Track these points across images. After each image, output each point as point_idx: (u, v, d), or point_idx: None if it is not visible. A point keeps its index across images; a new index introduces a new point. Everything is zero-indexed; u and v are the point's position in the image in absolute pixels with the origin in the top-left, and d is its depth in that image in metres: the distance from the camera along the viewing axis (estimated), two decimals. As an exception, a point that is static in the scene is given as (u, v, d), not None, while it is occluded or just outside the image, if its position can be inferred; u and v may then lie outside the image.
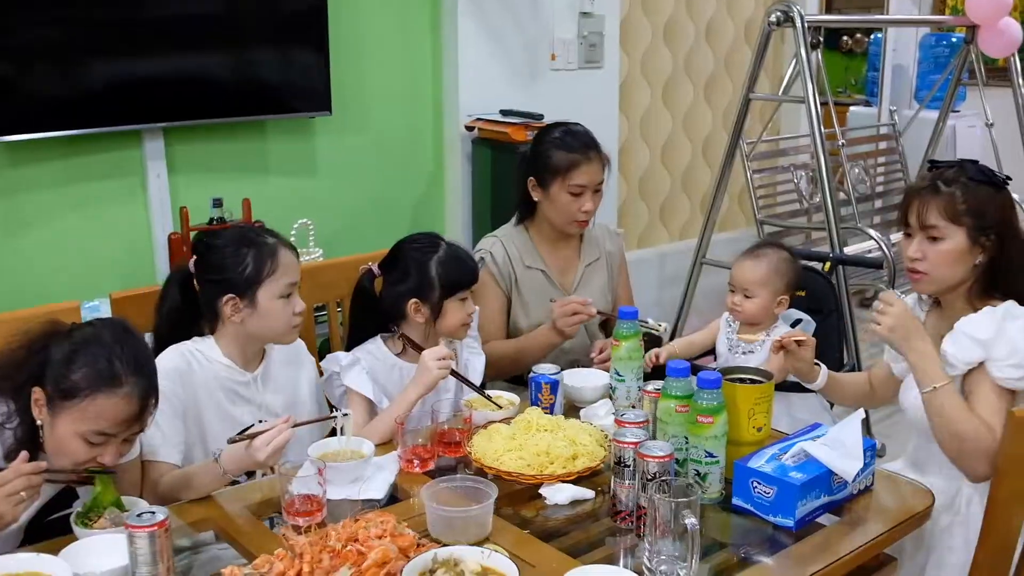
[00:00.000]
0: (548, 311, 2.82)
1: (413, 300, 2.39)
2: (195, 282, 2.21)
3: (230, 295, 2.13)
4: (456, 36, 3.94)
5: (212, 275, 2.17)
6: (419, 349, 2.35)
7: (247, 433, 1.93)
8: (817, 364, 2.36)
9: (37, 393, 1.77)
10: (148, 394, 1.80)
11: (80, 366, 1.75)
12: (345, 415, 2.09)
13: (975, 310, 2.09)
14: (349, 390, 2.35)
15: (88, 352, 1.77)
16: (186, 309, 2.22)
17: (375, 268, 2.45)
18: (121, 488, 1.88)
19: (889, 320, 2.09)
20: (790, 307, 2.66)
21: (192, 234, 3.27)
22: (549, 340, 2.70)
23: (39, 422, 1.78)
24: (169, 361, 2.11)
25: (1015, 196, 4.70)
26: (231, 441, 1.93)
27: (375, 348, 2.43)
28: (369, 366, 2.39)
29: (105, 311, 2.68)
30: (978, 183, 2.11)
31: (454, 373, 2.33)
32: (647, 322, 2.58)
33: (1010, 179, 2.19)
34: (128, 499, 1.84)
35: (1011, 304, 2.07)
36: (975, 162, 2.17)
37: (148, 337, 2.12)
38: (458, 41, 3.95)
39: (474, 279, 2.46)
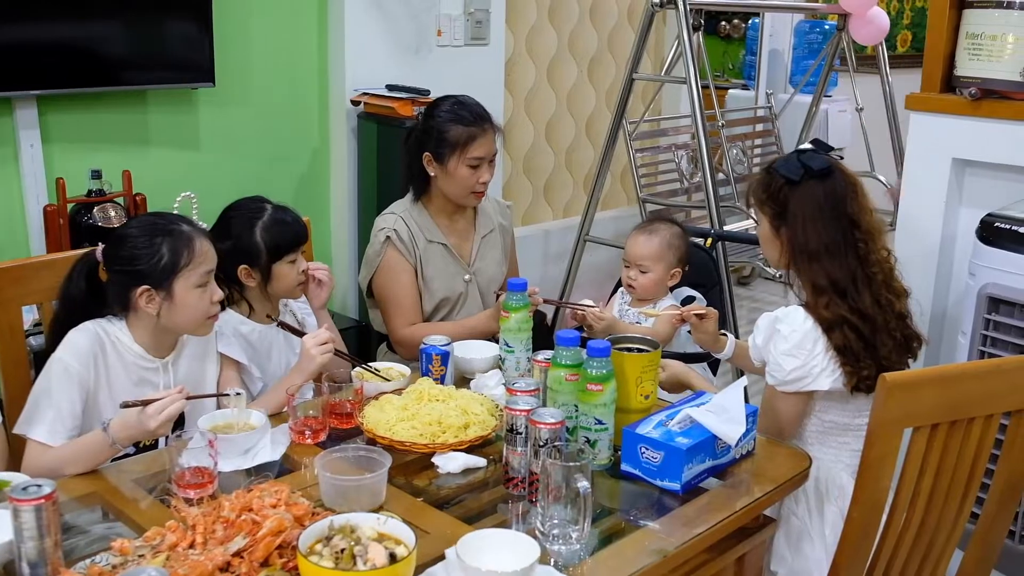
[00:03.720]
0: (450, 286, 2.83)
1: (243, 266, 2.40)
2: (102, 270, 2.13)
3: (144, 287, 2.07)
4: (343, 10, 3.90)
5: (124, 265, 2.09)
6: (298, 334, 2.34)
7: (139, 399, 1.90)
8: (724, 334, 2.45)
9: None
10: None
11: None
12: (238, 394, 2.07)
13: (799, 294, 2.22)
14: (221, 356, 2.34)
15: None
16: (90, 297, 2.14)
17: None
18: None
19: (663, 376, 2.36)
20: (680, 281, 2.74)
21: (70, 206, 3.17)
22: (490, 327, 2.69)
23: None
24: (83, 339, 2.06)
25: (882, 178, 4.85)
26: (123, 406, 1.89)
27: (227, 316, 2.41)
28: (231, 332, 2.38)
29: (-22, 284, 2.58)
30: (779, 174, 2.20)
31: (337, 352, 2.33)
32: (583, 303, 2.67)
33: (836, 160, 2.24)
34: (10, 475, 1.79)
35: (782, 314, 2.19)
36: (818, 150, 2.23)
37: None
38: (344, 15, 3.91)
39: (300, 240, 2.46)
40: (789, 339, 2.15)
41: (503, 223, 3.03)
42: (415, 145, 2.84)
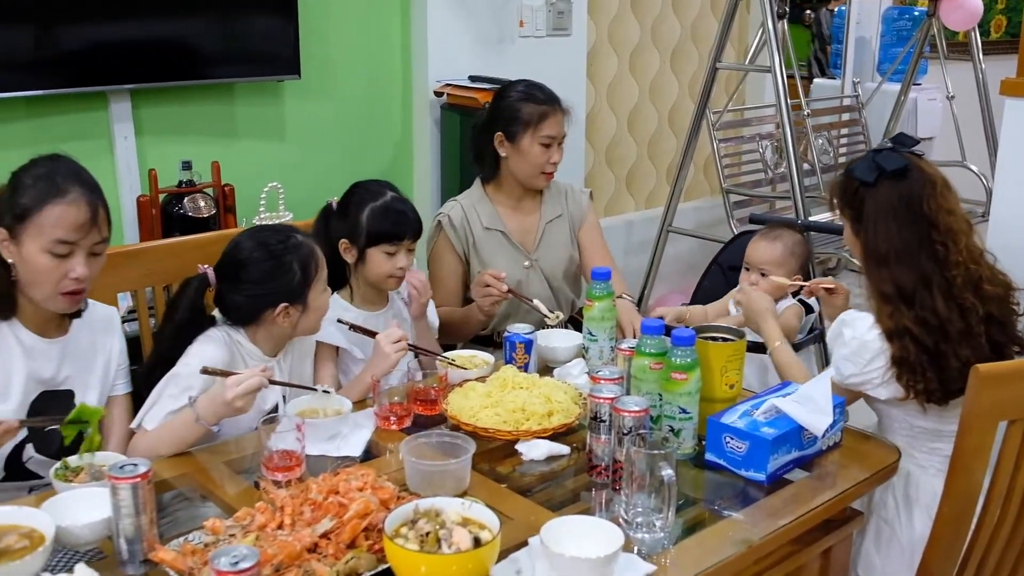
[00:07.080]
0: (508, 272, 2.84)
1: (344, 239, 2.44)
2: (221, 293, 2.18)
3: (283, 304, 2.14)
4: (425, 2, 3.93)
5: (255, 289, 2.14)
6: (370, 334, 2.31)
7: (221, 369, 1.98)
8: None
9: (1, 234, 1.88)
10: (95, 202, 1.92)
11: (25, 189, 1.89)
12: (325, 391, 2.11)
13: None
14: (319, 343, 2.37)
15: (29, 176, 1.91)
16: (196, 316, 2.19)
17: (334, 203, 2.52)
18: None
19: (744, 299, 2.46)
20: None
21: (161, 196, 3.25)
22: (476, 316, 2.71)
23: (9, 260, 1.90)
24: (215, 352, 2.11)
25: (974, 167, 4.73)
26: (203, 371, 1.97)
27: (335, 299, 2.43)
28: (332, 316, 2.40)
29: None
30: (854, 177, 2.14)
31: (411, 346, 2.33)
32: (538, 307, 2.63)
33: (915, 158, 2.15)
34: (107, 454, 1.85)
35: (850, 318, 2.16)
36: (896, 148, 2.14)
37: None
38: (427, 7, 3.93)
39: (400, 234, 2.43)
40: (848, 345, 2.12)
41: (573, 209, 3.01)
42: (486, 126, 2.88)
